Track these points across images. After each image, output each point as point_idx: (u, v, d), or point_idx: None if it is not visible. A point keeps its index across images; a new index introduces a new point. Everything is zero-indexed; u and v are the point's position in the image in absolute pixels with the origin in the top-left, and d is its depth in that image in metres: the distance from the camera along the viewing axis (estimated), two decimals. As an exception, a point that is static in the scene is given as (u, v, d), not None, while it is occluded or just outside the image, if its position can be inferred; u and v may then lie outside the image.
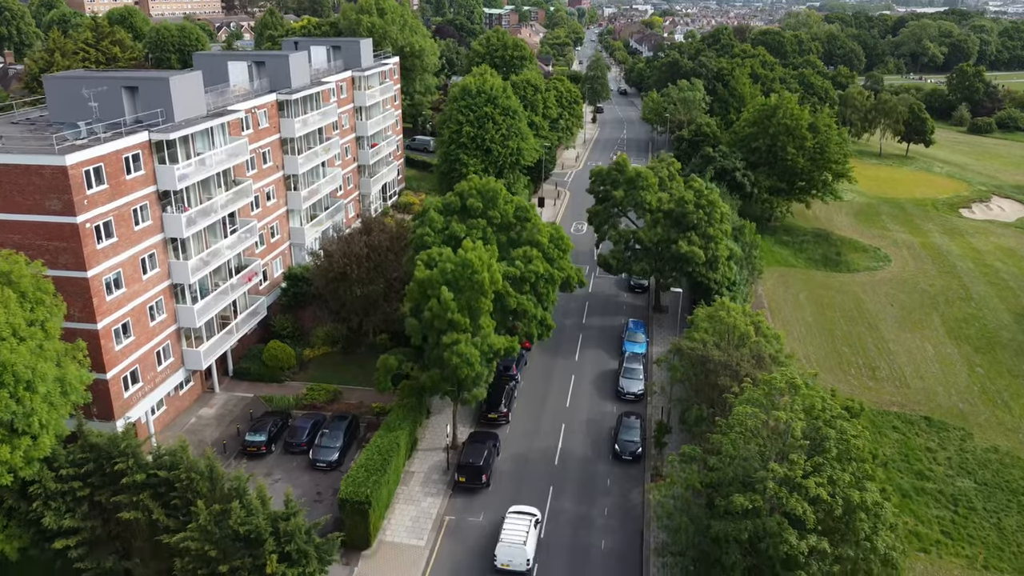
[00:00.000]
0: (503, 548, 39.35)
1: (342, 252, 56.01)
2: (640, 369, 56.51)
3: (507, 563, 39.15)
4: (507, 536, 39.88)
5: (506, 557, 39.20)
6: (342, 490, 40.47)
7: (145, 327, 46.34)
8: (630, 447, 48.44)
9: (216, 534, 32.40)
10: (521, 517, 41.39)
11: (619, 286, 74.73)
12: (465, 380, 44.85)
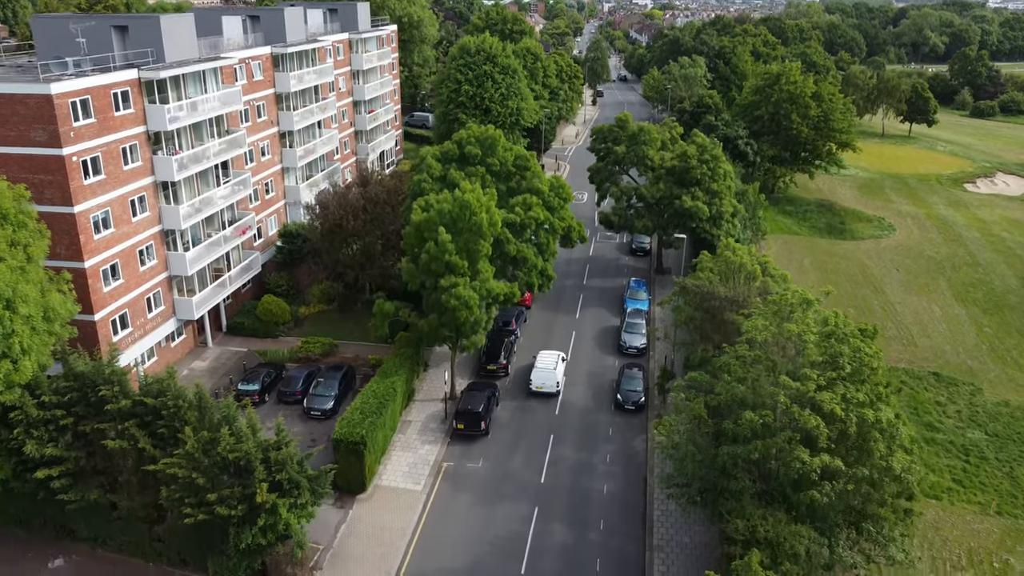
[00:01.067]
0: (537, 373, 48.44)
1: (338, 203, 54.79)
2: (642, 324, 55.29)
3: (540, 386, 48.29)
4: (540, 364, 49.00)
5: (539, 381, 48.34)
6: (336, 430, 39.30)
7: (135, 271, 45.11)
8: (632, 396, 47.25)
9: (204, 462, 31.20)
10: (551, 353, 50.47)
11: (620, 250, 73.53)
12: (464, 325, 43.62)
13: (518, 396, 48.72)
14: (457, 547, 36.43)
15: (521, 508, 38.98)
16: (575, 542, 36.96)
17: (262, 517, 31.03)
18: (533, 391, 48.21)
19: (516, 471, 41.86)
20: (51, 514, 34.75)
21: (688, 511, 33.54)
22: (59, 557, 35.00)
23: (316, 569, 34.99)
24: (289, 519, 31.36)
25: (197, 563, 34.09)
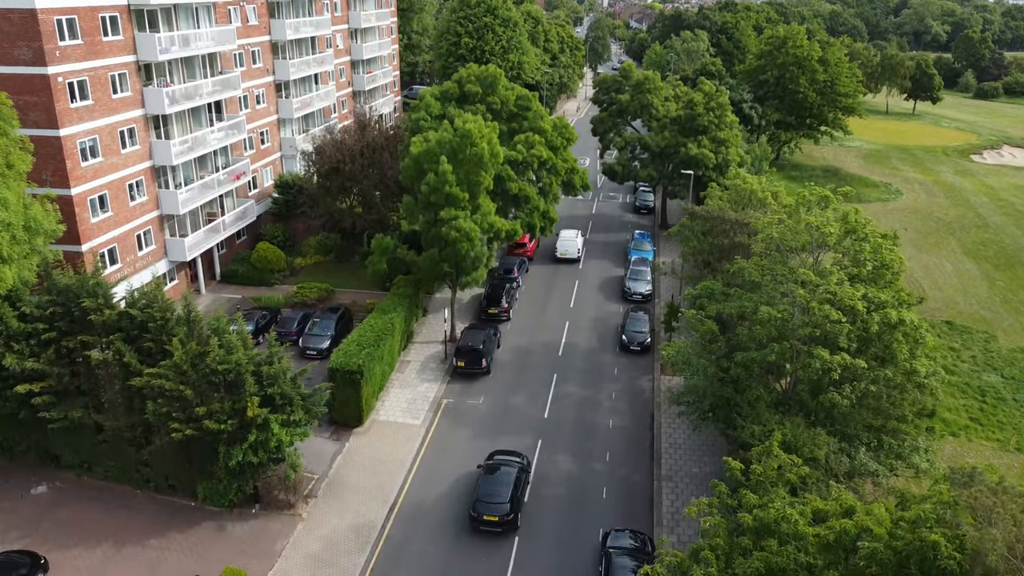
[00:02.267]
0: (561, 243, 59.34)
1: (335, 147, 53.33)
2: (647, 271, 53.89)
3: (564, 252, 58.78)
4: (564, 236, 59.89)
5: (563, 248, 59.02)
6: (332, 361, 37.88)
7: (124, 205, 43.65)
8: (638, 337, 45.84)
9: (192, 376, 29.74)
10: (571, 230, 61.16)
11: (624, 208, 72.13)
12: (464, 260, 42.21)
13: (520, 340, 47.29)
14: (458, 477, 35.03)
15: (524, 440, 37.58)
16: (580, 472, 35.56)
17: (253, 433, 29.64)
18: (558, 257, 58.90)
19: (518, 407, 40.46)
20: (35, 439, 33.30)
21: (699, 430, 32.13)
22: (42, 484, 33.55)
23: (311, 497, 33.57)
24: (281, 436, 29.98)
25: (186, 488, 32.68)
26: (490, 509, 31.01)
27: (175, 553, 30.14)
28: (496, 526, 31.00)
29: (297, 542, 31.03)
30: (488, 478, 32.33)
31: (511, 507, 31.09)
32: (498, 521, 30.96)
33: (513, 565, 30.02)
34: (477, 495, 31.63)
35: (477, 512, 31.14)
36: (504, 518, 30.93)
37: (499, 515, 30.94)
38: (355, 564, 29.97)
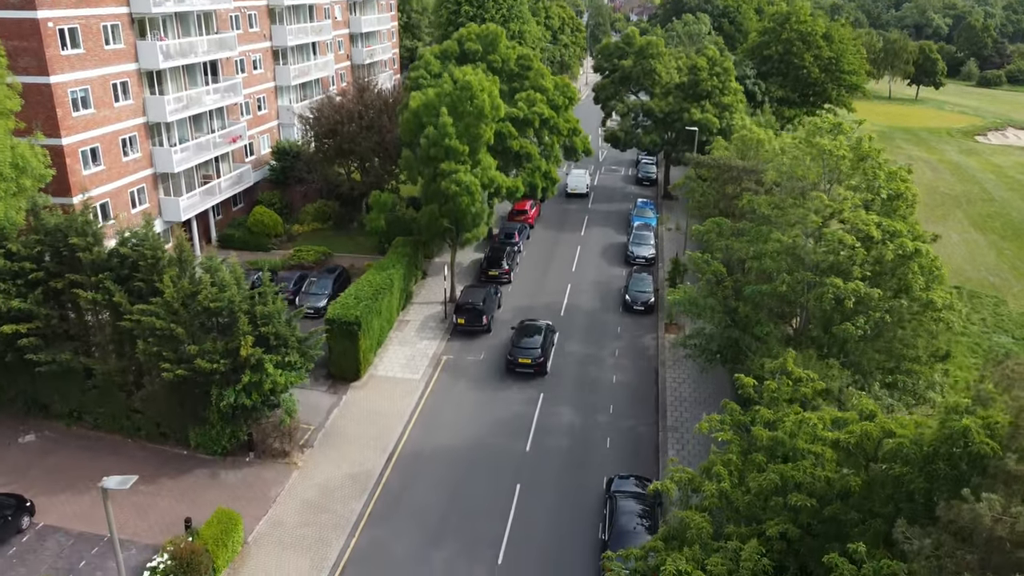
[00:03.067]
0: (571, 179, 64.74)
1: (333, 109, 52.42)
2: (650, 236, 52.98)
3: (575, 188, 64.66)
4: (573, 173, 65.22)
5: (573, 183, 64.73)
6: (329, 312, 36.97)
7: (117, 159, 42.74)
8: (642, 297, 44.93)
9: (184, 315, 28.83)
10: (580, 169, 65.75)
11: (626, 180, 71.20)
12: (464, 215, 41.25)
13: (521, 301, 46.34)
14: (458, 428, 34.14)
15: (525, 393, 36.69)
16: (583, 423, 34.67)
17: (246, 374, 28.70)
18: (568, 193, 64.32)
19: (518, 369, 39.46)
20: (23, 386, 32.36)
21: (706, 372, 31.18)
22: (30, 433, 32.63)
23: (307, 447, 32.67)
24: (276, 377, 29.04)
25: (178, 436, 31.76)
26: (524, 354, 37.20)
27: (166, 499, 29.23)
28: (529, 367, 37.13)
29: (292, 489, 30.14)
30: (521, 333, 38.60)
31: (541, 353, 37.38)
32: (531, 363, 37.10)
33: (513, 515, 29.09)
34: (512, 345, 37.90)
35: (513, 357, 37.46)
36: (536, 361, 37.12)
37: (532, 359, 37.08)
38: (352, 510, 29.08)
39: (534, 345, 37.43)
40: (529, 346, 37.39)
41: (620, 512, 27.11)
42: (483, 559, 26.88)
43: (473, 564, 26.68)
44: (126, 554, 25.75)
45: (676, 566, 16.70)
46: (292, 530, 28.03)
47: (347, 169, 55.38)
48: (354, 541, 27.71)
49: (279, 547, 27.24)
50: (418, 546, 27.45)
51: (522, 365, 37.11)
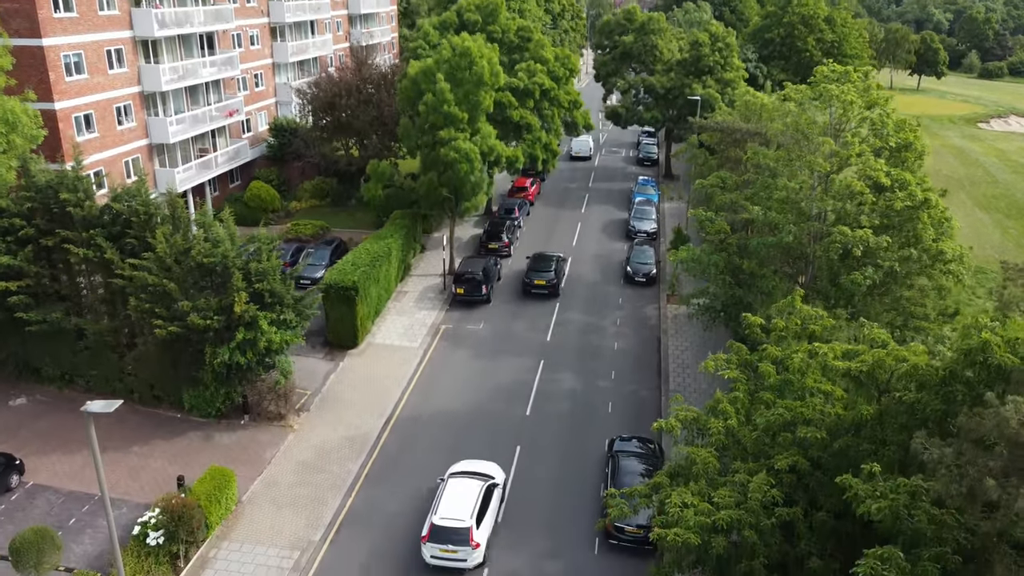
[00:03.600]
0: (575, 143, 67.99)
1: (330, 82, 51.81)
2: (652, 211, 52.39)
3: (578, 151, 68.85)
4: (579, 139, 66.39)
5: (577, 148, 68.80)
6: (326, 277, 36.42)
7: (111, 128, 42.14)
8: (643, 268, 44.33)
9: (177, 271, 28.22)
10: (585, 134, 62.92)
11: (627, 161, 70.57)
12: (464, 183, 40.68)
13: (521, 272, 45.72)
14: (456, 393, 33.55)
15: (525, 361, 36.11)
16: (584, 388, 34.08)
17: (240, 331, 28.07)
18: (573, 156, 68.85)
19: (519, 332, 38.96)
20: (13, 348, 31.76)
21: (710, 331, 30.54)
22: (21, 396, 32.04)
23: (303, 410, 32.07)
24: (271, 335, 28.43)
25: (171, 398, 31.17)
26: (539, 276, 42.14)
27: (158, 460, 28.64)
28: (544, 288, 41.95)
29: (288, 451, 29.54)
30: (536, 260, 43.56)
31: (555, 275, 42.27)
32: (545, 284, 41.98)
33: (513, 474, 28.48)
34: (528, 270, 42.75)
35: (529, 279, 42.24)
36: (550, 283, 42.06)
37: (547, 280, 42.10)
38: (348, 471, 28.48)
39: (548, 268, 42.30)
40: (544, 268, 42.24)
41: (622, 471, 26.50)
42: (482, 517, 26.23)
43: (472, 522, 26.02)
44: (117, 512, 25.23)
45: (682, 499, 16.11)
46: (287, 490, 27.44)
47: (345, 144, 54.80)
48: (350, 501, 27.11)
49: (274, 506, 26.65)
50: (415, 505, 26.82)
51: (537, 286, 41.97)
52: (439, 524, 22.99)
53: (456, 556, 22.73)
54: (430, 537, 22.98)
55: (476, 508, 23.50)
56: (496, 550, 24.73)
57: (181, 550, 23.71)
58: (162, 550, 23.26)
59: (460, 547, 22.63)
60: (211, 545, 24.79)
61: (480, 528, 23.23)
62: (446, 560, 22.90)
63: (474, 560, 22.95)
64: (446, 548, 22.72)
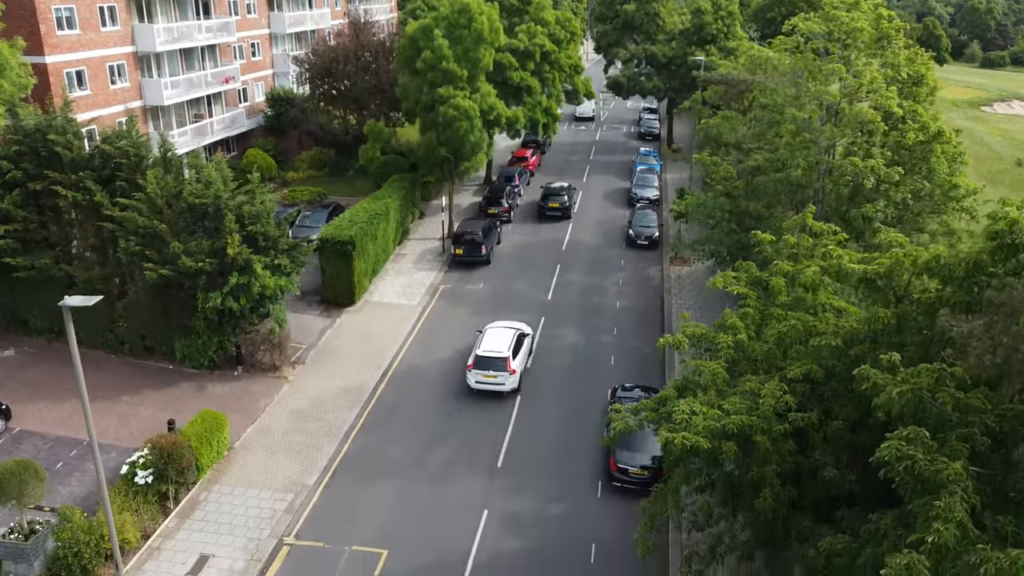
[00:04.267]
0: (580, 108, 68.82)
1: (328, 49, 51.03)
2: (654, 178, 51.66)
3: (582, 112, 72.71)
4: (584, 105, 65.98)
5: (581, 110, 71.61)
6: (322, 232, 35.68)
7: (104, 87, 41.36)
8: (646, 232, 43.57)
9: (168, 214, 27.48)
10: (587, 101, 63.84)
11: (628, 136, 69.76)
12: (463, 142, 39.90)
13: (521, 238, 45.00)
14: (454, 347, 32.80)
15: (526, 317, 35.29)
16: (587, 343, 33.35)
17: (233, 275, 27.33)
18: (577, 116, 72.61)
19: (520, 291, 38.23)
20: (1, 299, 31.03)
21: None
22: (9, 349, 31.32)
23: (298, 363, 31.33)
24: (265, 280, 27.65)
25: (163, 349, 30.43)
26: (554, 200, 47.65)
27: (149, 408, 27.90)
28: (557, 211, 47.66)
29: (282, 401, 28.82)
30: (548, 189, 48.69)
31: (568, 200, 47.89)
32: (559, 207, 47.69)
33: (514, 423, 27.74)
34: (542, 196, 48.32)
35: (544, 203, 47.76)
36: (563, 206, 47.57)
37: (560, 203, 47.51)
38: (344, 420, 27.74)
39: (560, 193, 47.87)
40: (557, 192, 47.79)
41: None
42: (481, 463, 25.56)
43: (471, 467, 25.35)
44: (106, 456, 24.44)
45: (690, 407, 15.37)
46: (281, 436, 26.71)
47: (343, 114, 54.03)
48: (346, 447, 26.39)
49: (267, 452, 25.91)
50: (413, 451, 26.13)
51: (552, 209, 47.46)
52: (482, 354, 28.41)
53: (496, 380, 28.11)
54: (475, 365, 28.39)
55: (512, 345, 28.80)
56: (496, 495, 24.08)
57: (171, 491, 22.98)
58: (150, 489, 22.54)
59: (499, 373, 28.06)
60: (202, 488, 24.07)
61: (515, 360, 28.43)
62: (487, 384, 28.24)
63: (510, 384, 28.30)
64: (488, 374, 28.15)
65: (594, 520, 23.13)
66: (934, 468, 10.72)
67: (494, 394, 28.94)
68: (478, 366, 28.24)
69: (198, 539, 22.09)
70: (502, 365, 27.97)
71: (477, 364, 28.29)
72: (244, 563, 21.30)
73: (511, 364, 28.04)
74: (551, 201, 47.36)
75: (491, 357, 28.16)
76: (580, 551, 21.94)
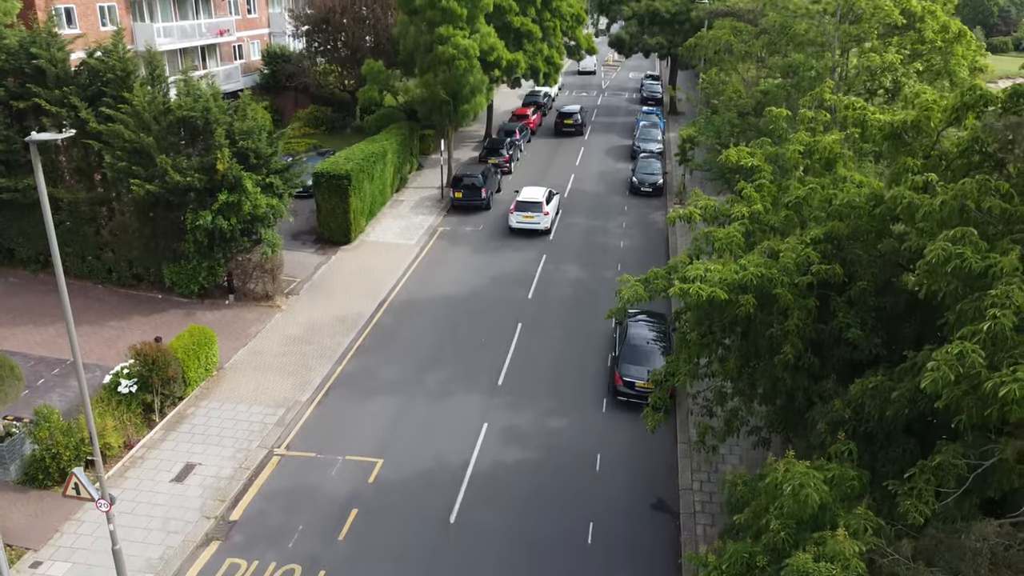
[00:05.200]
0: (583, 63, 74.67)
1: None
2: (658, 132, 50.60)
3: (583, 68, 77.16)
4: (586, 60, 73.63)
5: (583, 65, 76.51)
6: (318, 168, 34.66)
7: (95, 26, 40.28)
8: (650, 179, 42.53)
9: (156, 129, 26.43)
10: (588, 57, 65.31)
11: (631, 101, 68.68)
12: (463, 83, 38.83)
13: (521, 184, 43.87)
14: (455, 280, 31.84)
15: (527, 254, 34.41)
16: (590, 278, 32.35)
17: (223, 192, 26.30)
18: (580, 71, 79.23)
19: (521, 233, 37.15)
20: (-16, 227, 30.02)
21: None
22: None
23: (292, 294, 30.30)
24: (257, 198, 26.62)
25: (152, 275, 29.39)
26: (569, 117, 54.70)
27: (136, 332, 26.78)
28: (572, 127, 54.35)
29: (275, 327, 27.81)
30: (561, 111, 54.65)
31: (581, 118, 54.93)
32: (573, 124, 54.32)
33: (515, 346, 26.73)
34: (557, 116, 54.82)
35: (560, 120, 54.68)
36: (576, 123, 54.53)
37: (574, 120, 54.50)
38: (339, 343, 26.73)
39: (575, 111, 53.63)
40: (572, 111, 53.58)
41: (631, 334, 24.77)
42: (481, 382, 24.56)
43: (470, 385, 24.36)
44: (91, 375, 23.55)
45: (705, 267, 14.34)
46: (273, 358, 25.70)
47: (340, 71, 52.95)
48: (341, 367, 25.39)
49: (258, 371, 24.91)
50: (410, 371, 25.13)
51: (567, 125, 54.38)
52: (522, 200, 36.34)
53: (533, 220, 35.86)
54: (516, 209, 36.22)
55: (545, 196, 36.70)
56: (496, 410, 23.11)
57: (156, 402, 21.97)
58: (135, 399, 21.55)
59: (536, 214, 35.77)
60: (189, 404, 23.07)
61: (548, 206, 36.36)
62: (526, 224, 36.00)
63: (544, 224, 35.96)
64: (527, 215, 35.88)
65: (599, 433, 22.15)
66: (985, 263, 9.73)
67: (493, 323, 27.95)
68: (519, 209, 35.94)
69: (184, 449, 21.11)
70: (538, 208, 35.70)
71: (518, 208, 36.00)
72: (232, 471, 20.31)
73: (545, 207, 35.85)
74: (567, 118, 54.20)
75: (530, 202, 35.91)
76: (585, 460, 20.95)
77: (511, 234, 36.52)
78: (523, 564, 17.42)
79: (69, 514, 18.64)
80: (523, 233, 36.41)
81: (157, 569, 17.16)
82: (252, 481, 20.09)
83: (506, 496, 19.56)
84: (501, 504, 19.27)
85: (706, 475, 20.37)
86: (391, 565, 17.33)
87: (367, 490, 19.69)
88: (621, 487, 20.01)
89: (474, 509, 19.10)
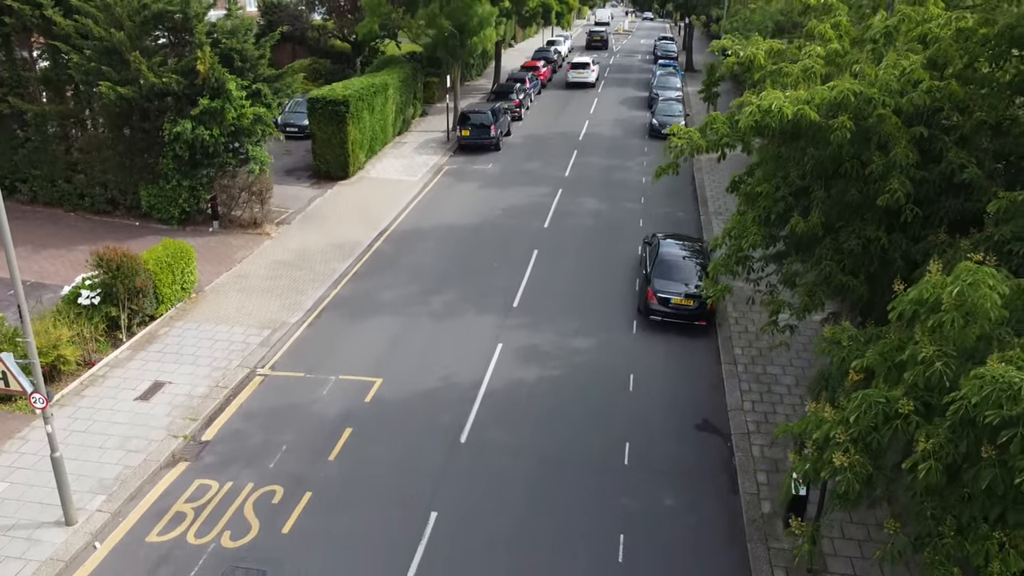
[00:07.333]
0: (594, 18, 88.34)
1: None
2: (677, 81, 47.75)
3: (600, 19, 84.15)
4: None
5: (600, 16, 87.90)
6: (313, 92, 31.86)
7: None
8: (671, 121, 39.50)
9: (130, 27, 23.58)
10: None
11: (645, 60, 65.77)
12: (470, 12, 36.00)
13: (535, 131, 41.05)
14: (463, 211, 29.04)
15: (541, 189, 31.59)
16: (611, 209, 29.52)
17: (205, 98, 23.44)
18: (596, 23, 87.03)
19: (534, 170, 34.42)
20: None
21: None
22: (-45, 205, 27.42)
23: (283, 224, 27.46)
24: (240, 103, 23.77)
25: (128, 200, 26.55)
26: (597, 35, 68.86)
27: (109, 257, 23.96)
28: (600, 42, 68.20)
29: (263, 253, 24.97)
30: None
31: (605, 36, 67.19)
32: (600, 39, 68.00)
33: (531, 271, 23.87)
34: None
35: (590, 35, 66.69)
36: (603, 38, 68.05)
37: (601, 36, 67.97)
38: (333, 269, 23.89)
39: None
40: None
41: (664, 252, 21.82)
42: (494, 303, 21.72)
43: (482, 306, 21.51)
44: (52, 296, 20.73)
45: (784, 94, 11.44)
46: (260, 281, 22.87)
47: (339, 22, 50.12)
48: (335, 291, 22.55)
49: (242, 293, 22.08)
50: (414, 294, 22.29)
51: (595, 41, 68.47)
52: (575, 62, 52.63)
53: (584, 75, 51.62)
54: (572, 68, 52.19)
55: (594, 60, 53.57)
56: (511, 331, 20.22)
57: (123, 319, 19.11)
58: (97, 312, 18.70)
59: (585, 71, 51.60)
60: (162, 324, 20.21)
61: (594, 66, 52.69)
62: (579, 79, 51.72)
63: (592, 77, 52.17)
64: (579, 72, 51.53)
65: (630, 354, 19.29)
66: None
67: (506, 251, 25.14)
68: (573, 68, 52.18)
69: (154, 368, 18.27)
70: (587, 67, 51.70)
71: (573, 68, 52.31)
72: (207, 389, 17.47)
73: (592, 67, 52.10)
74: (595, 35, 67.51)
75: (582, 63, 52.30)
76: (617, 380, 18.08)
77: (522, 173, 33.57)
78: (551, 485, 14.58)
79: (12, 432, 15.85)
80: (533, 173, 33.42)
81: (111, 490, 14.33)
82: (230, 401, 17.27)
83: (526, 416, 16.72)
84: (521, 424, 16.43)
85: (758, 395, 17.50)
86: (391, 486, 14.50)
87: (363, 409, 16.86)
88: (659, 408, 17.15)
89: (488, 429, 16.25)
